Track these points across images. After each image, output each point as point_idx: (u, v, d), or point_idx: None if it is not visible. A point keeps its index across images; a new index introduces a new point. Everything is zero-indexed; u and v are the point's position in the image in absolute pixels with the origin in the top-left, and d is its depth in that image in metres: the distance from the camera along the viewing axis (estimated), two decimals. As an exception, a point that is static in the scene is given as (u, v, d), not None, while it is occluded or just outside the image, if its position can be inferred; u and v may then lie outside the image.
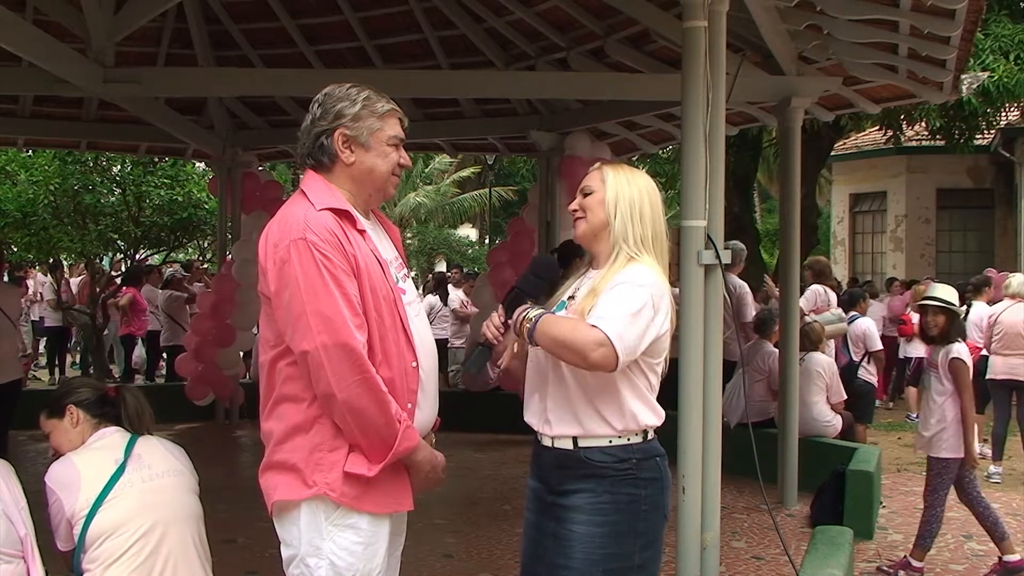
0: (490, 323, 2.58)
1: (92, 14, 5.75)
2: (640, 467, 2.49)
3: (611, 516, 2.46)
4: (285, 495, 2.33)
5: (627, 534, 2.47)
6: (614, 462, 2.47)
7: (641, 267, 2.50)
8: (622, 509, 2.47)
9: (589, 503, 2.47)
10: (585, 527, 2.46)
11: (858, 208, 19.79)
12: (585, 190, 2.63)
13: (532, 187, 10.70)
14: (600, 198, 2.58)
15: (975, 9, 4.94)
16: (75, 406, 2.97)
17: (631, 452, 2.48)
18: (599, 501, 2.46)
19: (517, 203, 24.71)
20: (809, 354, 7.02)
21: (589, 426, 2.47)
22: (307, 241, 2.27)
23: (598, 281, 2.52)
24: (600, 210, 2.57)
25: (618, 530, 2.46)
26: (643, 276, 2.47)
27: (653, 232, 2.56)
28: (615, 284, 2.45)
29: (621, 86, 6.96)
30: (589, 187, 2.62)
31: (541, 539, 2.56)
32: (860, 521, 5.49)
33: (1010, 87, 10.24)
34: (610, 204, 2.55)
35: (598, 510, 2.46)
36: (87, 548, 2.76)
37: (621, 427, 2.47)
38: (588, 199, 2.60)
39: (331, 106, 2.42)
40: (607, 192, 2.57)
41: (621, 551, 2.46)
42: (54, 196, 11.59)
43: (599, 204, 2.57)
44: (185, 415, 9.19)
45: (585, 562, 2.45)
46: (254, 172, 9.82)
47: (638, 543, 2.49)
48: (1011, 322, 7.53)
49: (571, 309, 2.54)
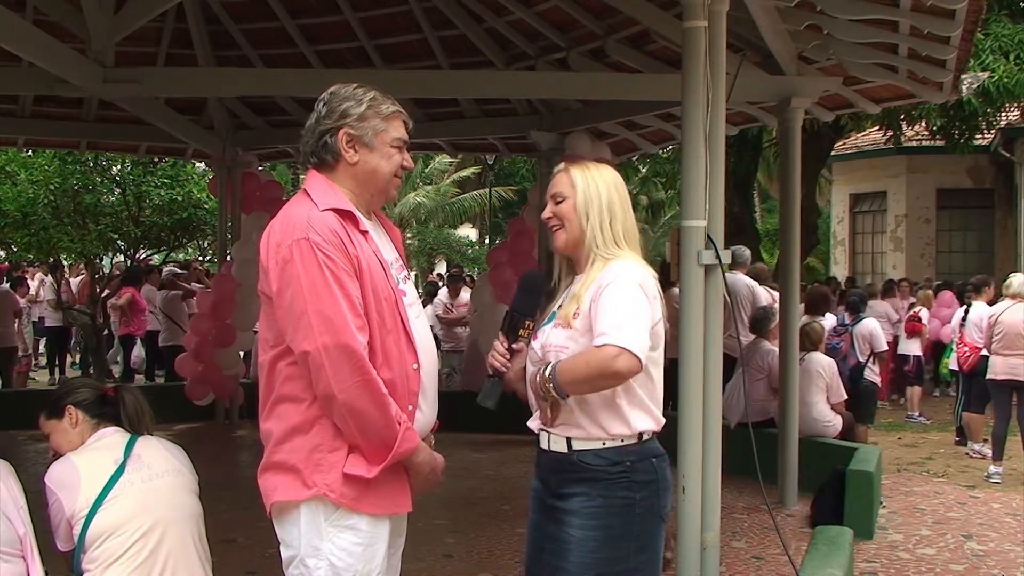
0: (495, 353, 2.57)
1: (92, 14, 5.75)
2: (634, 469, 2.47)
3: (605, 520, 2.45)
4: (285, 496, 2.33)
5: (621, 537, 2.46)
6: (607, 465, 2.46)
7: (619, 264, 2.49)
8: (616, 512, 2.46)
9: (583, 507, 2.46)
10: (580, 531, 2.45)
11: (858, 208, 19.80)
12: (556, 197, 2.60)
13: (532, 187, 10.70)
14: (571, 205, 2.57)
15: (975, 9, 4.94)
16: (74, 407, 2.97)
17: (625, 455, 2.47)
18: (593, 505, 2.45)
19: (517, 203, 24.73)
20: (810, 354, 7.02)
21: (584, 430, 2.46)
22: (310, 241, 2.26)
23: (579, 287, 2.52)
24: (574, 218, 2.56)
25: (611, 534, 2.45)
26: (625, 271, 2.46)
27: (624, 228, 2.56)
28: (600, 287, 2.43)
29: (621, 86, 6.96)
30: (560, 194, 2.59)
31: (542, 540, 2.56)
32: (860, 521, 5.48)
33: (1010, 87, 10.25)
34: (580, 210, 2.55)
35: (592, 514, 2.45)
36: (87, 548, 2.76)
37: (615, 432, 2.46)
38: (561, 207, 2.58)
39: (336, 105, 2.42)
40: (577, 198, 2.56)
41: (616, 555, 2.45)
42: (54, 196, 11.59)
43: (571, 211, 2.56)
44: (185, 415, 9.19)
45: (580, 565, 2.44)
46: (254, 172, 9.82)
47: (632, 546, 2.47)
48: (1011, 322, 7.53)
49: (558, 317, 2.53)
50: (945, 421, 10.12)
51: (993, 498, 6.83)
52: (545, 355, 2.50)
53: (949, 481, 7.43)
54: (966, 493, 6.96)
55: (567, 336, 2.47)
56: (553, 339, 2.51)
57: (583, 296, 2.47)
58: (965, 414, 8.56)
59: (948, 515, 6.31)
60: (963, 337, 8.48)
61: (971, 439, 8.51)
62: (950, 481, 7.44)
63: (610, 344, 2.32)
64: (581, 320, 2.46)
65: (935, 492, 6.96)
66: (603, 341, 2.34)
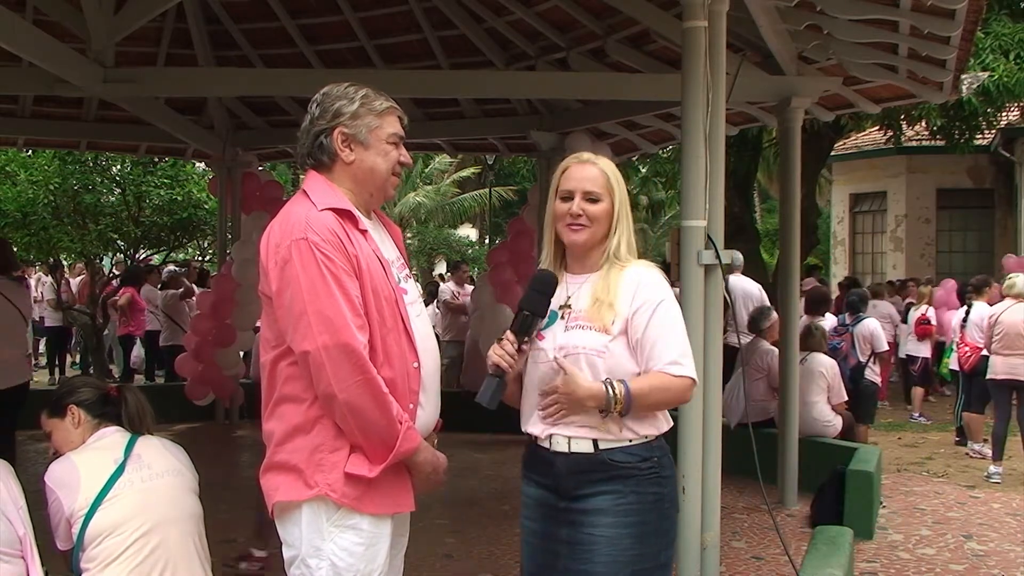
0: (503, 352, 2.47)
1: (92, 14, 5.75)
2: (662, 464, 2.49)
3: (638, 516, 2.44)
4: (286, 496, 2.33)
5: (652, 533, 2.46)
6: (638, 461, 2.45)
7: (641, 269, 2.50)
8: (649, 508, 2.46)
9: (614, 505, 2.43)
10: (611, 529, 2.42)
11: (858, 208, 19.79)
12: (591, 195, 2.51)
13: (532, 187, 10.69)
14: (607, 209, 2.51)
15: (975, 9, 4.94)
16: (76, 406, 2.97)
17: (652, 450, 2.48)
18: (625, 502, 2.43)
19: (517, 203, 24.71)
20: (812, 354, 7.03)
21: (607, 428, 2.44)
22: (309, 241, 2.27)
23: (600, 291, 2.48)
24: (606, 222, 2.52)
25: (644, 530, 2.45)
26: (657, 280, 2.50)
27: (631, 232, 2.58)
28: (648, 301, 2.44)
29: (621, 86, 6.96)
30: (595, 193, 2.51)
31: (552, 547, 2.51)
32: (860, 521, 5.48)
33: (1010, 86, 10.24)
34: (615, 219, 2.53)
35: (625, 511, 2.43)
36: (86, 547, 2.76)
37: (646, 431, 2.48)
38: (596, 208, 2.50)
39: (329, 105, 2.42)
40: (616, 203, 2.53)
41: (648, 551, 2.45)
42: (54, 196, 11.59)
43: (605, 215, 2.51)
44: (185, 415, 9.19)
45: (613, 565, 2.41)
46: (254, 172, 9.81)
47: (662, 542, 2.49)
48: (1011, 322, 7.53)
49: (582, 321, 2.47)
50: (945, 421, 10.12)
51: (993, 498, 6.83)
52: (568, 356, 2.44)
53: (949, 481, 7.44)
54: (966, 493, 6.96)
55: (604, 342, 2.43)
56: (579, 341, 2.45)
57: (617, 301, 2.45)
58: (965, 414, 8.56)
59: (948, 515, 6.31)
60: (964, 337, 8.48)
61: (971, 439, 8.51)
62: (950, 481, 7.44)
63: (687, 376, 2.45)
64: (618, 327, 2.44)
65: (935, 492, 6.97)
66: (680, 372, 2.44)
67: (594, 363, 2.43)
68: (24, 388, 6.07)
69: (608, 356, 2.43)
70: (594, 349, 2.44)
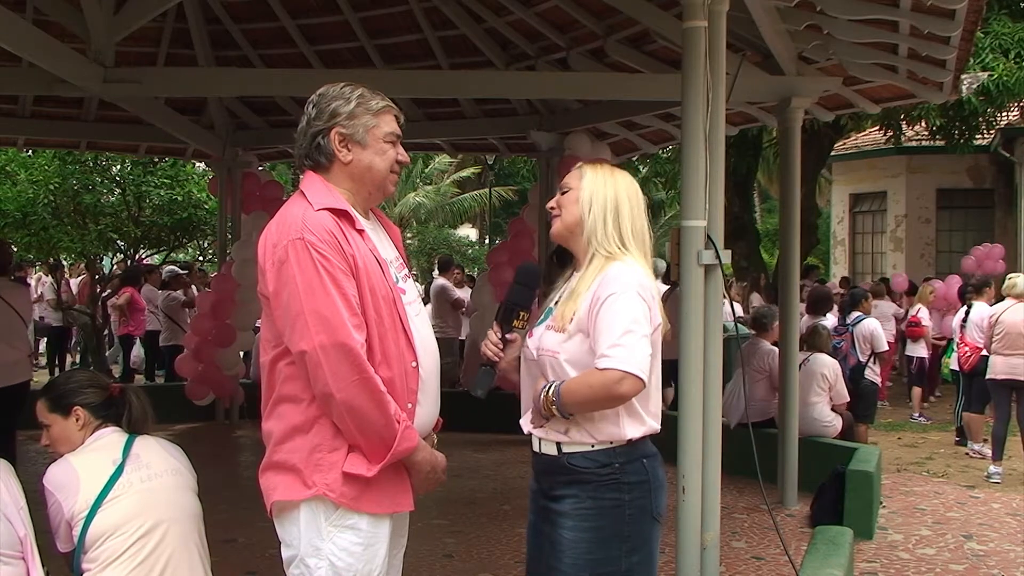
0: (488, 343, 2.56)
1: (92, 14, 5.75)
2: (624, 471, 2.45)
3: (596, 521, 2.44)
4: (285, 495, 2.33)
5: (612, 539, 2.44)
6: (596, 467, 2.44)
7: (619, 265, 2.47)
8: (606, 514, 2.44)
9: (575, 509, 2.45)
10: (572, 532, 2.44)
11: (858, 208, 19.80)
12: (563, 188, 2.62)
13: (532, 187, 10.70)
14: (575, 196, 2.57)
15: (975, 9, 4.94)
16: (82, 408, 2.96)
17: (613, 456, 2.44)
18: (583, 507, 2.44)
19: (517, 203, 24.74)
20: (814, 355, 7.03)
21: (573, 433, 2.45)
22: (305, 241, 2.27)
23: (576, 283, 2.51)
24: (574, 208, 2.55)
25: (602, 535, 2.44)
26: (623, 275, 2.43)
27: (633, 229, 2.53)
28: (600, 298, 2.40)
29: (621, 86, 6.96)
30: (566, 185, 2.61)
31: (539, 541, 2.56)
32: (860, 521, 5.48)
33: (1010, 86, 10.25)
34: (584, 202, 2.54)
35: (583, 515, 2.44)
36: (87, 548, 2.75)
37: (602, 438, 2.44)
38: (564, 197, 2.60)
39: (326, 106, 2.42)
40: (582, 191, 2.56)
41: (607, 556, 2.44)
42: (54, 196, 11.60)
43: (573, 202, 2.56)
44: (185, 415, 9.19)
45: (573, 567, 2.43)
46: (254, 172, 9.82)
47: (624, 548, 2.45)
48: (1012, 322, 7.53)
49: (551, 321, 2.51)
50: (945, 421, 10.12)
51: (993, 498, 6.83)
52: (540, 358, 2.49)
53: (949, 481, 7.44)
54: (966, 493, 6.96)
55: (558, 341, 2.45)
56: (546, 342, 2.49)
57: (580, 298, 2.45)
58: (965, 414, 8.57)
59: (948, 515, 6.31)
60: (964, 337, 8.49)
61: (971, 439, 8.51)
62: (950, 481, 7.44)
63: (613, 368, 2.30)
64: (575, 324, 2.43)
65: (935, 492, 6.97)
66: (606, 364, 2.31)
67: (553, 364, 2.45)
68: (25, 387, 6.06)
69: (566, 355, 2.43)
70: (551, 351, 2.47)
